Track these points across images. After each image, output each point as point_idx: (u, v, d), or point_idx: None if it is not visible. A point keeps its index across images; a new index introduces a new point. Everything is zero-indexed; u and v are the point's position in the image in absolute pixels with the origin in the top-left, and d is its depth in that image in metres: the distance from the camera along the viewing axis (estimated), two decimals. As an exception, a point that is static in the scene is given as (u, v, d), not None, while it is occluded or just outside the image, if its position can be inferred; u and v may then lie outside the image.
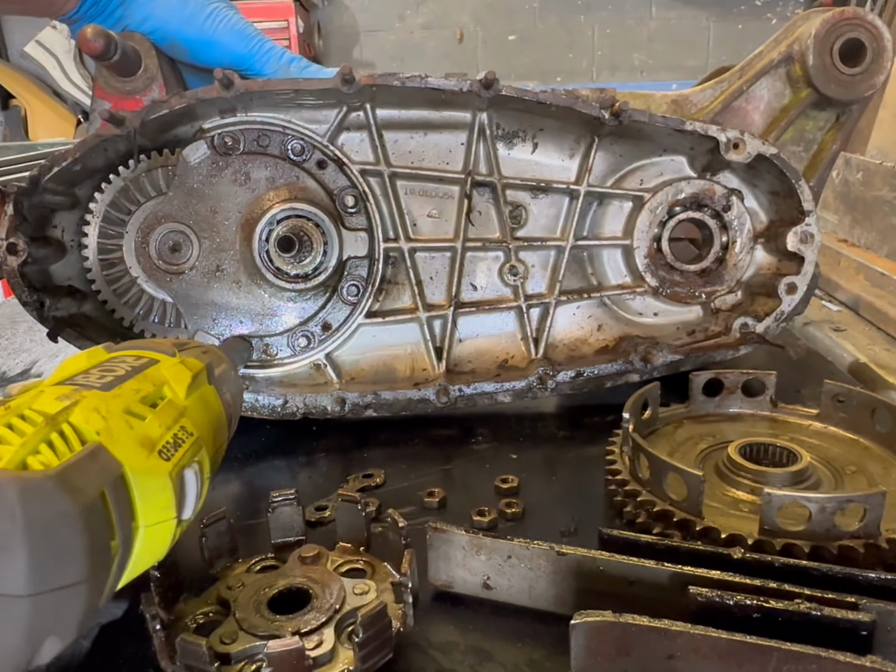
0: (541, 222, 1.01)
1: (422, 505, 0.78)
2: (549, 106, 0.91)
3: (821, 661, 0.47)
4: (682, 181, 0.99)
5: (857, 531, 0.63)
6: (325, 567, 0.61)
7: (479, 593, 0.62)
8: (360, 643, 0.51)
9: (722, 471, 0.75)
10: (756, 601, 0.52)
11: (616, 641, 0.51)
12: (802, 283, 0.98)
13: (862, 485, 0.73)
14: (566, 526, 0.73)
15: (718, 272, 1.01)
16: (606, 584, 0.58)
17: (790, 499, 0.63)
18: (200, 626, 0.57)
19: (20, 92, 4.42)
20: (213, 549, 0.63)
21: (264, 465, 0.90)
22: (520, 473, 0.82)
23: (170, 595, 0.58)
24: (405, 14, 4.35)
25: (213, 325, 0.94)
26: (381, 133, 0.96)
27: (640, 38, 4.30)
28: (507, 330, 1.01)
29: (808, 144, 1.02)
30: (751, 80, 1.00)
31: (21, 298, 0.89)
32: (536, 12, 4.29)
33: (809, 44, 0.96)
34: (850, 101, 0.99)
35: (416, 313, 0.98)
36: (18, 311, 1.50)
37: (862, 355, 1.18)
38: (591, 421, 0.97)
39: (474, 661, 0.57)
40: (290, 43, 3.88)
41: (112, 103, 0.96)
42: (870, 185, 1.56)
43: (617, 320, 1.03)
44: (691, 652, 0.50)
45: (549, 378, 0.96)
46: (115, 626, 0.63)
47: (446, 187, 0.98)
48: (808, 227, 0.95)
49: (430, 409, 0.96)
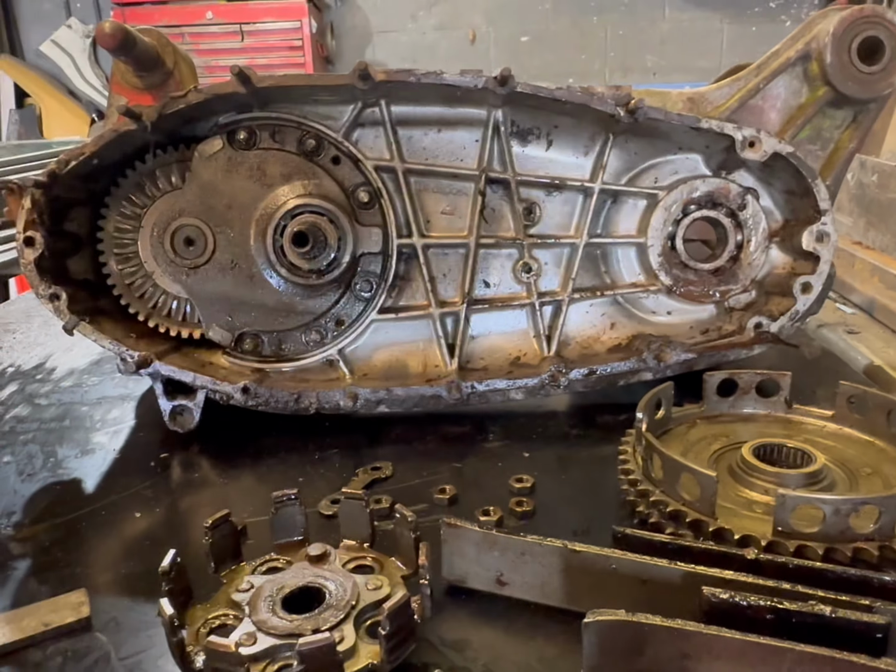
0: (555, 220, 1.01)
1: (433, 502, 0.78)
2: (564, 103, 0.91)
3: (835, 663, 0.47)
4: (697, 179, 0.98)
5: (871, 533, 0.62)
6: (333, 565, 0.61)
7: (492, 589, 0.62)
8: (387, 635, 0.51)
9: (735, 471, 0.74)
10: (770, 602, 0.52)
11: (629, 640, 0.51)
12: (818, 282, 0.97)
13: (877, 487, 0.72)
14: (578, 525, 0.73)
15: (733, 271, 1.01)
16: (619, 582, 0.58)
17: (804, 500, 0.63)
18: (215, 629, 0.57)
19: (35, 91, 4.45)
20: (218, 553, 0.63)
21: (275, 461, 0.90)
22: (532, 472, 0.82)
23: (181, 600, 0.58)
24: (418, 15, 4.35)
25: (226, 320, 0.95)
26: (396, 129, 0.96)
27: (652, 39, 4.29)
28: (520, 327, 1.01)
29: (824, 143, 1.01)
30: (767, 78, 0.99)
31: (37, 292, 0.89)
32: (549, 13, 4.28)
33: (827, 41, 0.96)
34: (868, 100, 0.98)
35: (428, 310, 0.98)
36: (33, 306, 1.51)
37: (876, 358, 1.17)
38: (603, 420, 0.96)
39: (487, 659, 0.57)
40: (302, 43, 3.90)
41: (129, 98, 0.96)
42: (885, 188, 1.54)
43: (630, 318, 1.03)
44: (704, 652, 0.50)
45: (561, 375, 0.96)
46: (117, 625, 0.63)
47: (460, 184, 0.98)
48: (823, 226, 0.94)
49: (442, 406, 0.96)
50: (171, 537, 0.77)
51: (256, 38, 3.91)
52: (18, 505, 0.82)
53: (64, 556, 0.72)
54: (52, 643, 0.60)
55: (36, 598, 0.65)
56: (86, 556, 0.74)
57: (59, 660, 0.59)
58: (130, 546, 0.76)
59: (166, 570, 0.56)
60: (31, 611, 0.63)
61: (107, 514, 0.80)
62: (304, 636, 0.52)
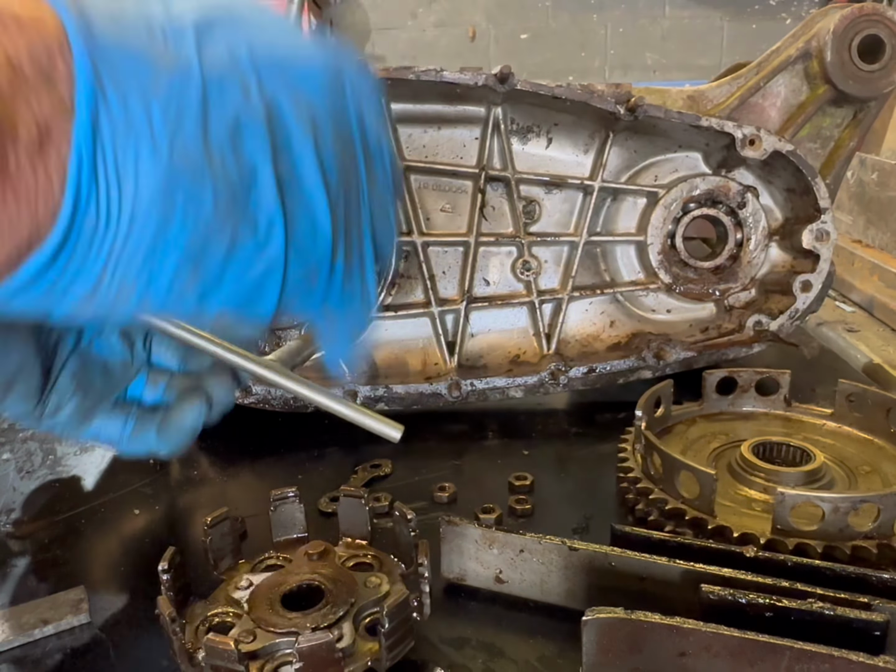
0: (554, 217, 1.01)
1: (432, 499, 0.78)
2: (564, 101, 0.91)
3: (833, 661, 0.47)
4: (696, 177, 0.98)
5: (870, 531, 0.62)
6: (332, 562, 0.61)
7: (491, 587, 0.62)
8: (386, 633, 0.51)
9: (735, 469, 0.74)
10: (768, 600, 0.52)
11: (627, 638, 0.51)
12: (817, 280, 0.97)
13: (876, 485, 0.72)
14: (577, 523, 0.73)
15: (732, 269, 1.01)
16: (618, 580, 0.58)
17: (803, 498, 0.63)
18: (214, 626, 0.57)
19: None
20: (218, 550, 0.63)
21: (274, 458, 0.90)
22: (531, 469, 0.82)
23: (180, 598, 0.58)
24: (417, 12, 4.34)
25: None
26: (395, 127, 0.95)
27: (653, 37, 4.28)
28: (520, 325, 1.01)
29: (824, 141, 1.01)
30: (768, 77, 0.99)
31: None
32: (549, 11, 4.27)
33: (827, 40, 0.96)
34: (868, 98, 0.98)
35: (428, 307, 0.98)
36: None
37: (876, 356, 1.17)
38: (603, 418, 0.96)
39: (486, 657, 0.57)
40: (302, 39, 3.89)
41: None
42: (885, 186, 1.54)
43: (630, 317, 1.03)
44: (703, 650, 0.50)
45: (561, 374, 0.96)
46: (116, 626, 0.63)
47: (460, 182, 0.98)
48: (823, 224, 0.94)
49: (441, 404, 0.96)
50: (170, 535, 0.77)
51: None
52: (17, 502, 0.82)
53: (63, 554, 0.72)
54: (51, 641, 0.60)
55: (35, 595, 0.65)
56: (85, 553, 0.74)
57: (57, 657, 0.59)
58: (129, 543, 0.76)
59: (165, 567, 0.56)
60: (30, 608, 0.63)
61: (106, 511, 0.80)
62: (303, 633, 0.52)
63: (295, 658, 0.50)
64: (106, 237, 0.32)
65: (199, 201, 0.33)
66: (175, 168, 0.32)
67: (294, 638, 0.51)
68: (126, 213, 0.31)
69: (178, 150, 0.32)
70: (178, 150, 0.32)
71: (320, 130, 0.37)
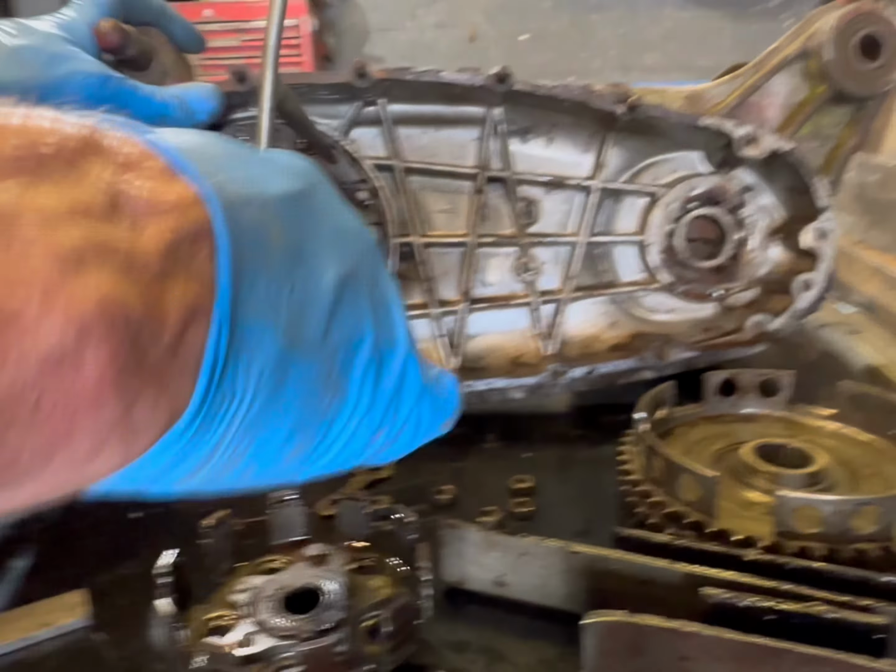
0: (554, 218, 1.00)
1: (433, 502, 0.78)
2: (562, 101, 0.91)
3: (835, 664, 0.47)
4: (696, 177, 0.98)
5: (872, 534, 0.62)
6: (333, 565, 0.61)
7: (491, 590, 0.62)
8: (387, 637, 0.51)
9: (737, 472, 0.74)
10: (770, 603, 0.51)
11: (628, 641, 0.50)
12: (818, 280, 0.97)
13: (878, 487, 0.72)
14: (578, 525, 0.73)
15: (733, 269, 1.01)
16: (619, 583, 0.58)
17: (805, 501, 0.63)
18: (213, 630, 0.57)
19: (35, 88, 4.45)
20: (217, 553, 0.63)
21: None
22: (532, 472, 0.81)
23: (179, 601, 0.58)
24: (417, 13, 4.34)
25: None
26: (395, 127, 0.95)
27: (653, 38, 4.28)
28: (520, 326, 1.01)
29: (824, 140, 1.01)
30: (767, 76, 0.99)
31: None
32: (549, 11, 4.27)
33: (826, 38, 0.95)
34: (868, 97, 0.98)
35: (427, 309, 0.98)
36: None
37: (878, 357, 1.16)
38: (603, 419, 0.96)
39: (487, 660, 0.57)
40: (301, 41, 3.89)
41: (126, 97, 0.95)
42: (887, 187, 1.54)
43: (630, 317, 1.03)
44: (704, 653, 0.49)
45: (561, 374, 0.95)
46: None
47: (459, 183, 0.98)
48: (823, 223, 0.94)
49: (441, 406, 0.96)
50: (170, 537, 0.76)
51: (255, 37, 3.90)
52: (17, 505, 0.82)
53: (62, 556, 0.72)
54: (51, 644, 0.60)
55: (34, 598, 0.65)
56: (84, 556, 0.73)
57: (57, 660, 0.59)
58: (129, 546, 0.76)
59: (165, 570, 0.56)
60: (29, 611, 0.63)
61: (105, 513, 0.79)
62: (304, 637, 0.51)
63: (295, 662, 0.49)
64: (228, 412, 0.31)
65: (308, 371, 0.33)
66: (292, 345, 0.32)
67: (294, 642, 0.51)
68: (250, 389, 0.31)
69: (298, 334, 0.33)
70: (298, 333, 0.33)
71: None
